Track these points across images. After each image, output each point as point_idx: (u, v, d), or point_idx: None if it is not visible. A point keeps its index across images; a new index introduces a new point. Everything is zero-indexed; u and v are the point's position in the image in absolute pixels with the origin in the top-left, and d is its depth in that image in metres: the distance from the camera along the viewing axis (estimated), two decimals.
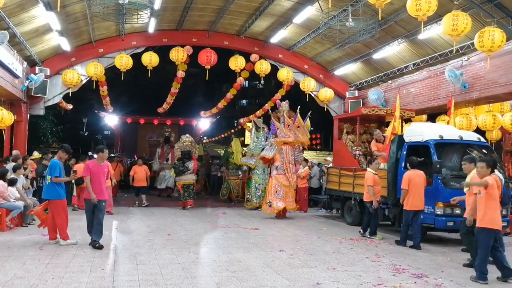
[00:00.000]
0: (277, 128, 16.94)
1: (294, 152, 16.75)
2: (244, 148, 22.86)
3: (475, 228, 8.23)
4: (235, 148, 21.48)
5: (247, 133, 36.48)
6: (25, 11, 15.06)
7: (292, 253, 10.11)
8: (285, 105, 17.93)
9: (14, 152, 15.87)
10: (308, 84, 22.69)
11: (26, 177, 14.14)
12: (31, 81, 18.26)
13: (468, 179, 9.18)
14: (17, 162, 14.04)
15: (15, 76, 16.85)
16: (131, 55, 20.38)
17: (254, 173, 18.62)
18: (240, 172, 20.58)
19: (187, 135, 20.22)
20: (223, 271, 8.27)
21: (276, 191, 16.04)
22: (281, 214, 16.16)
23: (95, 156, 12.09)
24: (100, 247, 9.91)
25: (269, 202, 16.04)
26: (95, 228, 10.17)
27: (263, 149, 17.65)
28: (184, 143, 19.32)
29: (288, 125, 16.65)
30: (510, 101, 17.63)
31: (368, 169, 12.69)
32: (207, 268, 8.59)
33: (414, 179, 11.08)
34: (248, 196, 19.13)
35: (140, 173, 18.90)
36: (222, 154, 27.64)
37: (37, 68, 18.99)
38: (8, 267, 8.12)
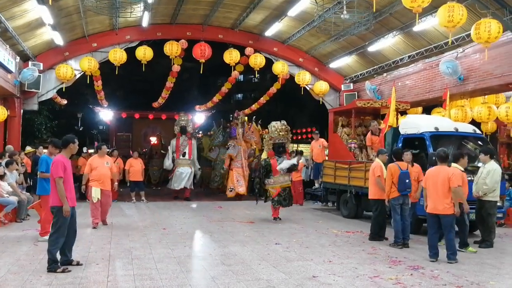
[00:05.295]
0: (237, 133, 20.38)
1: (249, 151, 20.90)
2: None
3: None
4: (204, 144, 23.12)
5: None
6: (17, 5, 14.89)
7: (288, 246, 10.09)
8: (242, 115, 21.25)
9: (8, 147, 15.76)
10: (303, 77, 22.63)
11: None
12: (23, 76, 18.10)
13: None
14: (13, 158, 13.99)
15: (7, 71, 16.72)
16: (125, 49, 20.22)
17: (216, 164, 21.56)
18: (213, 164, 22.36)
19: (283, 121, 15.11)
20: (218, 265, 8.25)
21: (237, 180, 19.58)
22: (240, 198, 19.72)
23: (88, 151, 11.52)
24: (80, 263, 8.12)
25: (231, 188, 19.56)
26: (71, 242, 8.16)
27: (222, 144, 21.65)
28: (281, 133, 14.65)
29: (247, 131, 20.75)
30: (505, 93, 17.61)
31: (377, 159, 11.58)
32: (202, 262, 8.55)
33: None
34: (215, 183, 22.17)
35: (136, 166, 18.47)
36: None
37: (30, 63, 18.78)
38: (2, 263, 8.08)
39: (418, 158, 11.67)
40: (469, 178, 10.87)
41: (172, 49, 20.15)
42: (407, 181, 10.36)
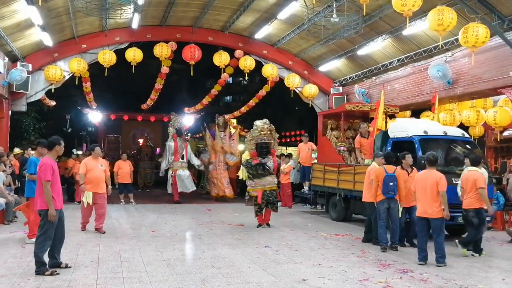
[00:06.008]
0: (211, 136, 21.30)
1: (226, 155, 20.95)
2: (200, 146, 26.24)
3: None
4: (191, 147, 23.15)
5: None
6: (6, 5, 14.82)
7: (277, 249, 10.08)
8: (221, 119, 21.46)
9: None
10: (292, 80, 22.69)
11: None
12: (12, 77, 17.96)
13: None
14: (1, 159, 13.87)
15: None
16: (114, 51, 20.19)
17: (207, 168, 21.78)
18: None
19: (265, 120, 14.06)
20: (208, 268, 8.22)
21: (213, 183, 20.92)
22: (225, 196, 20.62)
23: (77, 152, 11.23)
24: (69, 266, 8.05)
25: (212, 191, 21.03)
26: (59, 245, 8.06)
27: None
28: (262, 132, 13.59)
29: (225, 135, 20.97)
30: (493, 97, 17.73)
31: (373, 162, 11.44)
32: (192, 265, 8.53)
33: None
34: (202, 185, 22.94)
35: (125, 169, 18.43)
36: None
37: (18, 63, 18.65)
38: None
39: None
40: (456, 182, 10.95)
41: (162, 51, 20.14)
42: (391, 184, 10.34)
